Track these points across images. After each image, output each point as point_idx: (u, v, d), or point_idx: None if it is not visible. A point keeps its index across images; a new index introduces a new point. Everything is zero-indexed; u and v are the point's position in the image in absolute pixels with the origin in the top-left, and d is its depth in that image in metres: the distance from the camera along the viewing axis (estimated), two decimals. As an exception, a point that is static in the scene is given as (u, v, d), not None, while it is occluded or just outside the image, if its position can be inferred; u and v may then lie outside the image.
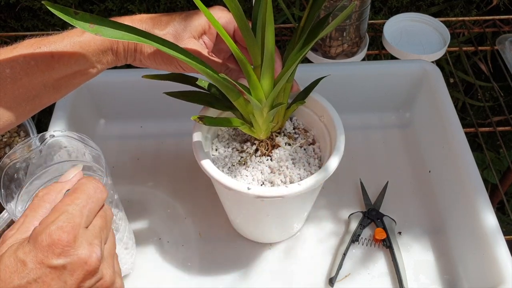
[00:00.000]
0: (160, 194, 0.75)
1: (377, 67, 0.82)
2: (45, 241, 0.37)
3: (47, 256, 0.37)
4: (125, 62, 0.57)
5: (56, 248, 0.37)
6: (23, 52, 0.51)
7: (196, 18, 0.56)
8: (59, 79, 0.53)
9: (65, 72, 0.53)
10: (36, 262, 0.36)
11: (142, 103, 0.82)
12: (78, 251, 0.38)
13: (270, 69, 0.53)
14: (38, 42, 0.52)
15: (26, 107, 0.53)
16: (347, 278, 0.66)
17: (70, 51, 0.52)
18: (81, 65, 0.54)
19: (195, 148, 0.58)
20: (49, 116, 0.75)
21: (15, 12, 1.09)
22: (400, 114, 0.85)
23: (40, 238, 0.37)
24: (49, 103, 0.56)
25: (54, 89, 0.54)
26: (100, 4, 1.05)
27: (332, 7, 0.79)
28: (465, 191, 0.67)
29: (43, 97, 0.54)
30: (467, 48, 1.02)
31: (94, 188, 0.42)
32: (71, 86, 0.56)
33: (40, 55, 0.51)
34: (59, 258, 0.37)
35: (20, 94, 0.52)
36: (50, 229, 0.37)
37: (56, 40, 0.52)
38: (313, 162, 0.61)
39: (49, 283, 0.37)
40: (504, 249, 0.60)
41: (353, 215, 0.71)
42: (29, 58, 0.51)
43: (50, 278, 0.37)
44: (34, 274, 0.36)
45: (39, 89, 0.53)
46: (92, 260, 0.38)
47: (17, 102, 0.52)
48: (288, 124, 0.64)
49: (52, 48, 0.52)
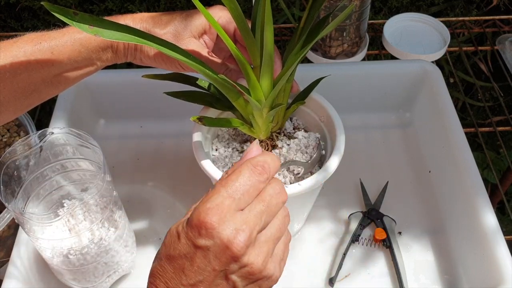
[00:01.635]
0: (160, 194, 0.75)
1: (377, 67, 0.82)
2: (194, 220, 0.38)
3: (195, 235, 0.38)
4: (125, 60, 0.57)
5: (201, 229, 0.38)
6: (23, 47, 0.51)
7: (196, 18, 0.56)
8: (58, 74, 0.54)
9: (64, 68, 0.53)
10: (186, 239, 0.38)
11: (142, 103, 0.82)
12: (222, 235, 0.38)
13: (269, 70, 0.53)
14: (39, 37, 0.52)
15: (24, 101, 0.53)
16: (347, 278, 0.66)
17: (70, 47, 0.52)
18: (80, 62, 0.54)
19: (195, 148, 0.58)
20: (49, 116, 0.75)
21: (15, 12, 1.09)
22: (400, 114, 0.85)
23: (191, 217, 0.39)
24: (48, 98, 0.56)
25: (53, 85, 0.54)
26: (100, 4, 1.06)
27: (332, 7, 0.79)
28: (465, 191, 0.67)
29: (41, 92, 0.54)
30: (467, 48, 1.02)
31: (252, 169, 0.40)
32: (70, 82, 0.56)
33: (40, 50, 0.52)
34: (203, 239, 0.38)
35: (18, 89, 0.52)
36: (199, 209, 0.39)
37: (57, 36, 0.53)
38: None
39: (195, 261, 0.38)
40: (504, 249, 0.60)
41: (353, 215, 0.71)
42: (29, 53, 0.51)
43: (196, 256, 0.38)
44: (184, 249, 0.38)
45: (38, 84, 0.53)
46: (234, 246, 0.38)
47: (16, 96, 0.52)
48: (288, 124, 0.64)
49: (52, 44, 0.52)
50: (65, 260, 0.56)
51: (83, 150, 0.58)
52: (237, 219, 0.38)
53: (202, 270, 0.38)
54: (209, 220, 0.38)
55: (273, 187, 0.41)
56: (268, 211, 0.40)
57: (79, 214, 0.57)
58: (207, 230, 0.38)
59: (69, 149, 0.58)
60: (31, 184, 0.57)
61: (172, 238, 0.39)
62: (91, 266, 0.58)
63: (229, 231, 0.38)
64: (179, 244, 0.39)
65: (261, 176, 0.41)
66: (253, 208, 0.40)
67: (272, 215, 0.41)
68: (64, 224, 0.56)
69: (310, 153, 0.61)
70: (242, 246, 0.38)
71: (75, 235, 0.55)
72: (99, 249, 0.57)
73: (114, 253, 0.60)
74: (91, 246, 0.56)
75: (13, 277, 0.59)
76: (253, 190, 0.40)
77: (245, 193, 0.40)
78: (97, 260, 0.58)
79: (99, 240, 0.57)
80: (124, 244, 0.62)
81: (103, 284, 0.62)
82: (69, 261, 0.57)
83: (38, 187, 0.58)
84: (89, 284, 0.61)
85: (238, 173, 0.40)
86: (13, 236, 0.65)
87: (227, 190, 0.39)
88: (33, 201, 0.58)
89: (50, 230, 0.56)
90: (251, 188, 0.40)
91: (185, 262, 0.38)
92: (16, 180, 0.56)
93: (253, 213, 0.39)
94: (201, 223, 0.38)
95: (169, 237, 0.40)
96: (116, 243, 0.59)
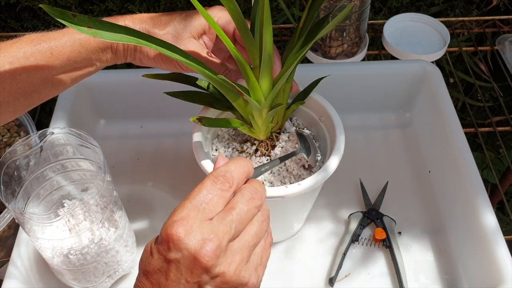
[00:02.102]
0: (160, 194, 0.75)
1: (377, 67, 0.82)
2: (163, 234, 0.39)
3: (165, 249, 0.38)
4: (124, 60, 0.57)
5: (169, 242, 0.38)
6: (22, 48, 0.51)
7: (196, 18, 0.56)
8: (58, 75, 0.54)
9: (64, 69, 0.53)
10: (158, 254, 0.39)
11: (142, 103, 0.82)
12: (188, 246, 0.38)
13: (268, 70, 0.53)
14: (38, 38, 0.52)
15: (24, 102, 0.53)
16: (347, 278, 0.66)
17: (69, 48, 0.53)
18: (80, 63, 0.54)
19: (195, 148, 0.58)
20: (49, 116, 0.75)
21: (15, 12, 1.09)
22: (400, 114, 0.85)
23: (160, 232, 0.39)
24: (48, 98, 0.56)
25: (53, 85, 0.54)
26: (100, 5, 1.06)
27: (332, 7, 0.79)
28: (465, 191, 0.67)
29: (41, 93, 0.54)
30: (467, 48, 1.02)
31: (213, 179, 0.41)
32: (70, 83, 0.56)
33: (39, 51, 0.52)
34: (173, 252, 0.38)
35: (18, 89, 0.52)
36: (166, 223, 0.39)
37: (56, 37, 0.53)
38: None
39: (170, 275, 0.38)
40: (504, 249, 0.60)
41: (353, 215, 0.71)
42: (28, 54, 0.51)
43: (170, 270, 0.38)
44: (157, 264, 0.39)
45: (38, 85, 0.53)
46: (202, 256, 0.38)
47: (15, 97, 0.52)
48: (288, 124, 0.64)
49: (52, 45, 0.52)
50: (65, 260, 0.57)
51: (83, 150, 0.58)
52: (204, 229, 0.39)
53: (177, 284, 0.38)
54: (175, 232, 0.38)
55: (243, 194, 0.42)
56: (238, 219, 0.40)
57: (79, 214, 0.57)
58: (175, 243, 0.38)
59: (70, 149, 0.58)
60: (32, 184, 0.57)
61: (146, 254, 0.40)
62: (91, 266, 0.58)
63: (195, 241, 0.38)
64: (153, 260, 0.39)
65: (223, 184, 0.41)
66: (221, 217, 0.40)
67: (245, 222, 0.41)
68: (64, 224, 0.56)
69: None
70: (211, 256, 0.38)
71: (75, 235, 0.56)
72: (99, 249, 0.57)
73: (114, 253, 0.60)
74: (91, 246, 0.57)
75: (13, 277, 0.60)
76: (217, 199, 0.40)
77: (209, 203, 0.40)
78: (97, 260, 0.58)
79: (99, 240, 0.57)
80: (125, 244, 0.62)
81: (103, 284, 0.62)
82: (69, 261, 0.57)
83: (39, 187, 0.58)
84: (89, 284, 0.61)
85: (200, 185, 0.41)
86: (13, 236, 0.65)
87: (191, 202, 0.40)
88: (33, 201, 0.58)
89: (50, 230, 0.56)
90: (215, 197, 0.40)
91: (160, 277, 0.39)
92: (16, 180, 0.56)
93: (222, 222, 0.39)
94: (168, 236, 0.38)
95: (144, 253, 0.40)
96: (116, 243, 0.59)
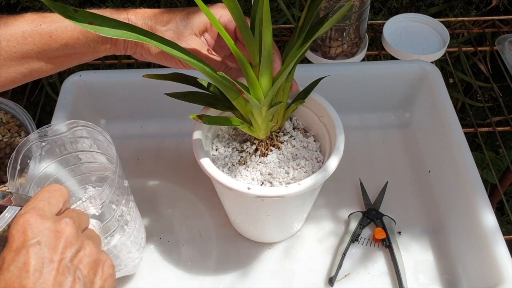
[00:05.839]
0: (160, 194, 0.76)
1: (376, 67, 0.82)
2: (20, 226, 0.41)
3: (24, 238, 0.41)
4: (124, 53, 0.57)
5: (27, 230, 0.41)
6: (22, 27, 0.52)
7: (197, 15, 0.56)
8: (54, 57, 0.54)
9: (61, 53, 0.54)
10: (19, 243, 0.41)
11: (142, 103, 0.82)
12: (46, 225, 0.41)
13: (268, 68, 0.53)
14: (40, 18, 0.53)
15: (19, 68, 0.54)
16: (346, 278, 0.66)
17: (69, 33, 0.53)
18: (78, 49, 0.54)
19: (195, 147, 0.58)
20: (49, 117, 0.75)
21: (15, 12, 1.09)
22: (399, 114, 0.85)
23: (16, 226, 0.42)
24: (44, 75, 0.57)
25: (49, 65, 0.55)
26: (100, 5, 1.06)
27: (331, 7, 0.79)
28: (465, 191, 0.67)
29: (38, 69, 0.55)
30: (466, 49, 1.02)
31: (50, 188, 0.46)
32: (66, 65, 0.57)
33: (39, 33, 0.52)
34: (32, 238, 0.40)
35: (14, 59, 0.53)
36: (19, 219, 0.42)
37: (58, 20, 0.53)
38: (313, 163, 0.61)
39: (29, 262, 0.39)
40: (503, 249, 0.60)
41: (353, 215, 0.71)
42: (27, 34, 0.52)
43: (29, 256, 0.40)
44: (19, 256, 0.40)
45: (34, 61, 0.54)
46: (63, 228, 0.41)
47: (11, 65, 0.53)
48: (288, 124, 0.64)
49: (52, 28, 0.52)
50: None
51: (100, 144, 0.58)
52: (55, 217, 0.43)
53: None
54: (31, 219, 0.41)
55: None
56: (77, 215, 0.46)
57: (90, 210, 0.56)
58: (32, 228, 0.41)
59: (86, 141, 0.58)
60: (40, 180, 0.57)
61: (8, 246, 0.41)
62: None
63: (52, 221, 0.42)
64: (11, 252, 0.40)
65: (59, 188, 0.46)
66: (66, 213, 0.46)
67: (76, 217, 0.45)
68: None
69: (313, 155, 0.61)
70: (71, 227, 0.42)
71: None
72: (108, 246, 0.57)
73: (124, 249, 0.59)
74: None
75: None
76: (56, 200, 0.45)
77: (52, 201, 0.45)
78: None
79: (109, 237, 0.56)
80: (135, 240, 0.61)
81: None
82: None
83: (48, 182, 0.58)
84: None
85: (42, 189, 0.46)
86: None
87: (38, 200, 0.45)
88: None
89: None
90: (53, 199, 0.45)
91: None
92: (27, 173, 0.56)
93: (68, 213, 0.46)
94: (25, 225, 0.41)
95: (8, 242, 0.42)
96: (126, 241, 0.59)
